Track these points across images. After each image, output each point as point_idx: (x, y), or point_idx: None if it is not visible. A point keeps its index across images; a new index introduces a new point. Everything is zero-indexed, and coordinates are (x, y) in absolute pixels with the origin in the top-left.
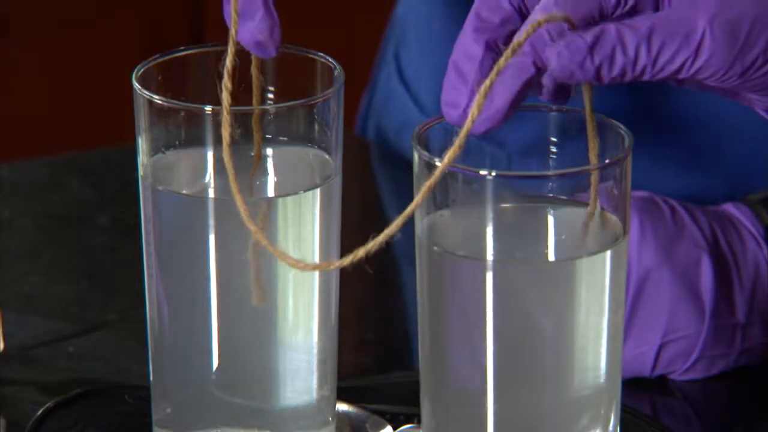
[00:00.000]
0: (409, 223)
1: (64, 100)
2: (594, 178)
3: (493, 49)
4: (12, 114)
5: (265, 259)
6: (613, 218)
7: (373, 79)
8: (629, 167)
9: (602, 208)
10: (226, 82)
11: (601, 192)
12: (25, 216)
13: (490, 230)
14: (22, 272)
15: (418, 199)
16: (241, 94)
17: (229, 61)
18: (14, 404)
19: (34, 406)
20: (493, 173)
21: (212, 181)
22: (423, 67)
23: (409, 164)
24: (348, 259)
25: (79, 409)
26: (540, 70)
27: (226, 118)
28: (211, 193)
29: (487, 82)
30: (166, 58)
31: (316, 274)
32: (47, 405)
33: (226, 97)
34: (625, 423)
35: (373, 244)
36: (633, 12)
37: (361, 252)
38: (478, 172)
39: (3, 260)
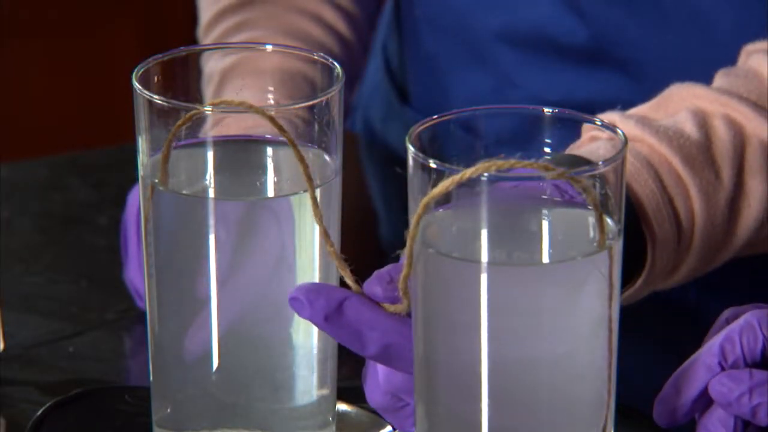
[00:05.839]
0: (404, 225)
1: (64, 100)
2: None
3: None
4: (12, 114)
5: (264, 259)
6: (608, 220)
7: (363, 74)
8: (624, 169)
9: (599, 210)
10: None
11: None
12: (25, 216)
13: (484, 232)
14: (22, 272)
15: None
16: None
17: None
18: (14, 404)
19: (34, 406)
20: (488, 175)
21: (212, 181)
22: (404, 55)
23: (393, 154)
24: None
25: (79, 409)
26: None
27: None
28: (211, 193)
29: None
30: (166, 58)
31: (316, 273)
32: (47, 405)
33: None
34: (624, 426)
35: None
36: None
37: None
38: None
39: (3, 260)
